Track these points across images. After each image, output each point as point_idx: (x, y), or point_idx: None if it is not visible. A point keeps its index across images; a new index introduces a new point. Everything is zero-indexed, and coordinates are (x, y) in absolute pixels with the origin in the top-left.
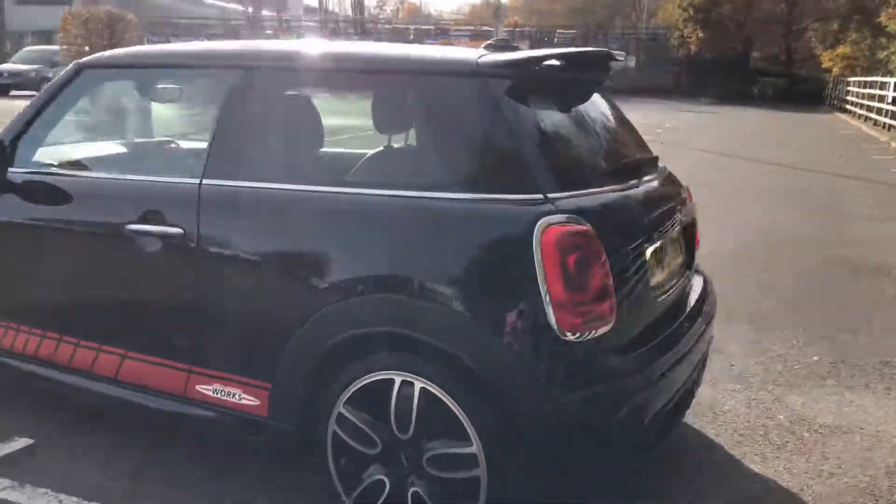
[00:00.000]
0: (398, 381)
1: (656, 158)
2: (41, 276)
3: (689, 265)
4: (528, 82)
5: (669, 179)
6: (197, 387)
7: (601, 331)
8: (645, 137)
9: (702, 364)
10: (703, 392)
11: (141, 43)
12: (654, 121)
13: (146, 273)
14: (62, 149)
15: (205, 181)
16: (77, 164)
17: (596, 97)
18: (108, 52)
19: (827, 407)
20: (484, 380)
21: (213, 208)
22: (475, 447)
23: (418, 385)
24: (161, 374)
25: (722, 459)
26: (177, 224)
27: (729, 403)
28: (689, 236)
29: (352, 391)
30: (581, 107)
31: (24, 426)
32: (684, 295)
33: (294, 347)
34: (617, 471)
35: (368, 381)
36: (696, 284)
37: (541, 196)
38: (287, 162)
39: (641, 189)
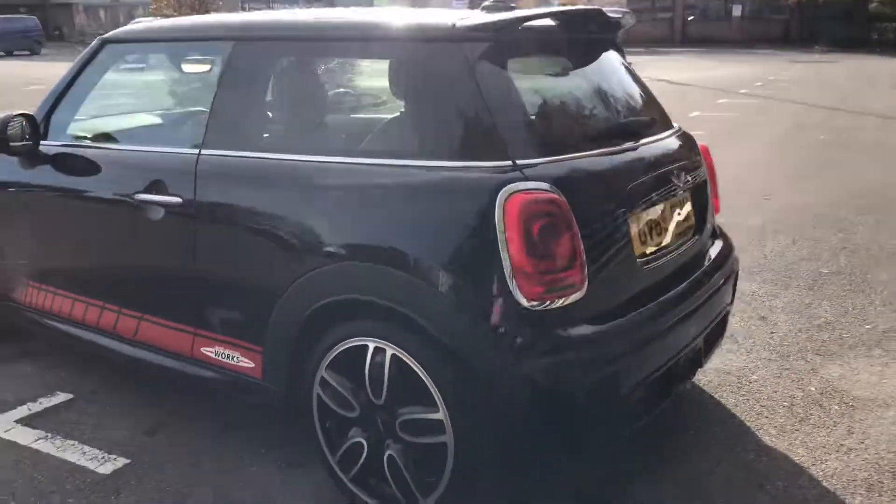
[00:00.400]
0: (372, 347)
1: (659, 120)
2: (69, 242)
3: (700, 229)
4: (508, 45)
5: (678, 141)
6: (201, 349)
7: (571, 298)
8: (740, 92)
9: (715, 332)
10: (733, 361)
11: (236, 11)
12: (755, 74)
13: (153, 240)
14: (90, 122)
15: (203, 151)
16: (102, 137)
17: (606, 56)
18: (128, 27)
19: (866, 379)
20: (448, 347)
21: (209, 178)
22: (441, 413)
23: (389, 352)
24: (171, 337)
25: (733, 432)
26: (177, 193)
27: (759, 373)
28: (700, 200)
29: (332, 356)
30: (579, 68)
31: (68, 382)
32: (690, 261)
33: (280, 313)
34: (591, 441)
35: (346, 346)
36: (713, 249)
37: (510, 163)
38: (270, 131)
39: (636, 152)
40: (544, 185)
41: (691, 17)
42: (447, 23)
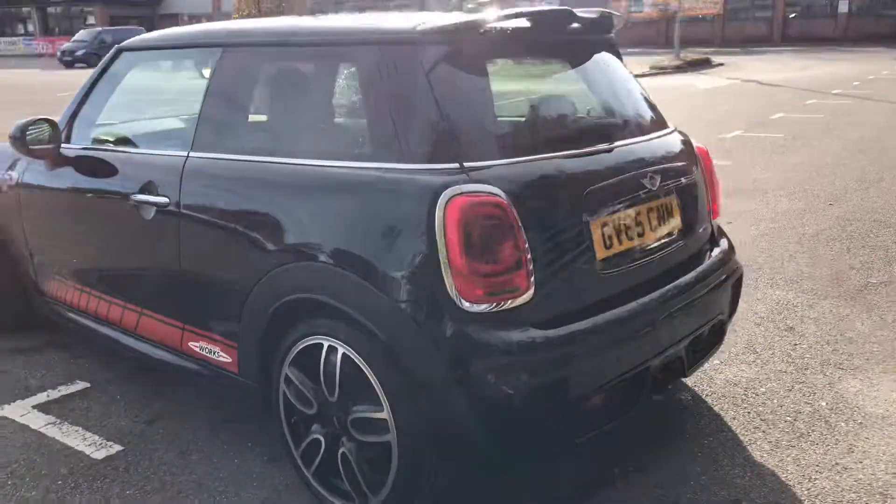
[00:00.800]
0: (326, 345)
1: (645, 121)
2: (83, 240)
3: (687, 234)
4: (470, 48)
5: (666, 143)
6: (189, 343)
7: (516, 302)
8: (833, 92)
9: (706, 341)
10: (745, 372)
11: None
12: (854, 73)
13: (146, 238)
14: (107, 125)
15: (191, 154)
16: (115, 139)
17: (584, 57)
18: (142, 35)
19: (885, 395)
20: (390, 347)
21: (191, 180)
22: (386, 413)
23: (340, 350)
24: (164, 331)
25: (723, 444)
26: (164, 194)
27: (769, 385)
28: (691, 203)
29: (293, 354)
30: (552, 70)
31: (88, 371)
32: (673, 266)
33: (249, 310)
34: (535, 446)
35: (305, 344)
36: (706, 254)
37: (457, 165)
38: (240, 135)
39: (606, 155)
40: (488, 188)
41: (793, 15)
42: (409, 26)
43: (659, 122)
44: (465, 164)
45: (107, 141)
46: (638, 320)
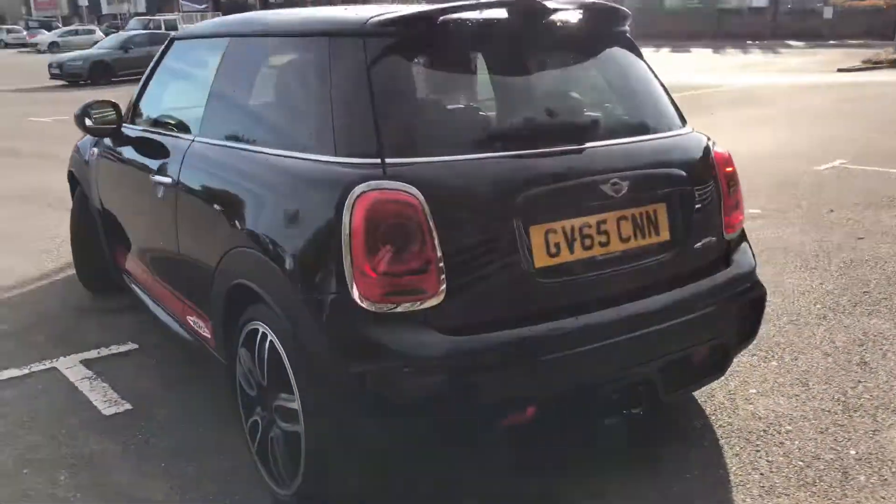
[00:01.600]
0: (261, 332)
1: (635, 122)
2: (130, 212)
3: (678, 245)
4: (420, 41)
5: (662, 147)
6: (187, 317)
7: (423, 305)
8: None
9: (692, 367)
10: (780, 406)
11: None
12: None
13: (158, 215)
14: (156, 109)
15: (195, 139)
16: (159, 123)
17: (561, 51)
18: (192, 25)
19: None
20: (299, 340)
21: (189, 162)
22: (297, 404)
23: (269, 337)
24: (175, 304)
25: (706, 483)
26: (170, 175)
27: (798, 424)
28: (688, 212)
29: (243, 336)
30: (517, 64)
31: (142, 334)
32: (646, 282)
33: (214, 292)
34: (433, 451)
35: (249, 328)
36: (705, 272)
37: (377, 160)
38: (219, 121)
39: (563, 158)
40: (402, 186)
41: None
42: (361, 18)
43: (666, 123)
44: (387, 161)
45: (155, 123)
46: (579, 336)
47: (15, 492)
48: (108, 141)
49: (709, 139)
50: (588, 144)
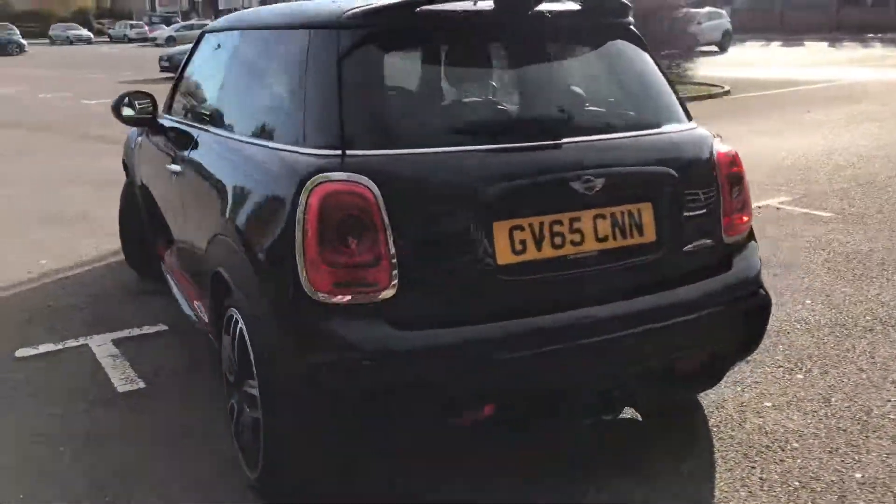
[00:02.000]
0: (234, 317)
1: (629, 117)
2: (157, 199)
3: (659, 248)
4: (394, 33)
5: (652, 143)
6: (194, 301)
7: (375, 298)
8: None
9: (671, 371)
10: (793, 422)
11: None
12: None
13: (173, 202)
14: (183, 101)
15: (202, 129)
16: (183, 113)
17: (542, 44)
18: (222, 18)
19: None
20: (258, 329)
21: (192, 152)
22: (257, 390)
23: (240, 324)
24: (188, 288)
25: (683, 499)
26: (178, 163)
27: (807, 442)
28: (675, 213)
29: (223, 322)
30: (493, 58)
31: (174, 316)
32: (625, 283)
33: (203, 279)
34: (385, 446)
35: (227, 315)
36: (697, 275)
37: (337, 152)
38: (217, 109)
39: (536, 154)
40: (357, 178)
41: None
42: (338, 10)
43: (664, 119)
44: (348, 153)
45: (181, 113)
46: (541, 337)
47: (17, 460)
48: (146, 130)
49: (715, 136)
50: (563, 140)
